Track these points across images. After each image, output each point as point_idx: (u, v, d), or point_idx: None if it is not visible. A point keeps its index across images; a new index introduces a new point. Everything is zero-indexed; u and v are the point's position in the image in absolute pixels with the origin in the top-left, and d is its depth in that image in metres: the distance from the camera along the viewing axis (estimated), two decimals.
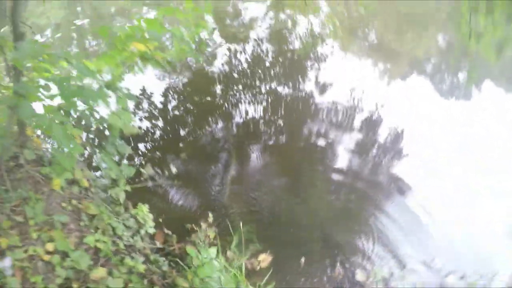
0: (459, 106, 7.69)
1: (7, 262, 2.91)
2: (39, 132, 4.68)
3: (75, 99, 2.75)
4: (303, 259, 3.82)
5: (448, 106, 7.54)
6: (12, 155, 3.74)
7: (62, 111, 2.99)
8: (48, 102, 2.92)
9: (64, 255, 3.18)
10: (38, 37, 9.05)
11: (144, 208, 3.73)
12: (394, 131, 6.24)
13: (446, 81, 9.10)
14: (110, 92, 3.37)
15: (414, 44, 12.18)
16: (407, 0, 14.62)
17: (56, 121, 2.77)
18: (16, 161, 3.97)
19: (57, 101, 2.87)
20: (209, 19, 9.25)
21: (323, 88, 7.35)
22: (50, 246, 3.18)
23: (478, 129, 6.33)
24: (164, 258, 3.53)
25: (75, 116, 3.61)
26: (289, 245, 4.01)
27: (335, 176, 5.17)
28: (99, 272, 2.96)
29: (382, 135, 6.19)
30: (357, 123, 6.41)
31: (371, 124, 6.41)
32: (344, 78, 7.65)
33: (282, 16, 11.75)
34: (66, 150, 2.94)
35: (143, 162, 4.65)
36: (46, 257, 3.07)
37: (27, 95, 2.82)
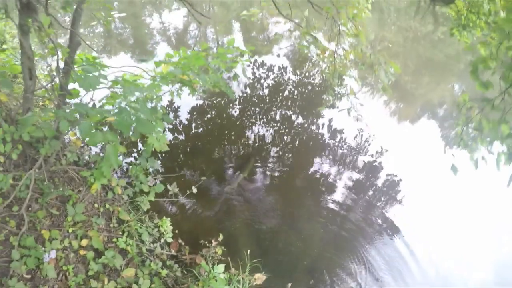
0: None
1: (52, 254, 3.46)
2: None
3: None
4: (289, 285, 4.29)
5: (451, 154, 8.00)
6: (54, 153, 4.29)
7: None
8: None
9: (97, 252, 3.73)
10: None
11: (167, 222, 4.32)
12: (392, 176, 6.74)
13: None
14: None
15: (429, 88, 12.65)
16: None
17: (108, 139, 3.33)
18: (57, 158, 4.56)
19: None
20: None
21: (333, 125, 7.85)
22: (84, 242, 3.74)
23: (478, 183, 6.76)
24: (177, 265, 4.06)
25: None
26: (281, 269, 4.53)
27: (331, 211, 5.69)
28: (130, 272, 3.50)
29: (381, 178, 6.69)
30: (359, 164, 6.91)
31: (372, 167, 6.91)
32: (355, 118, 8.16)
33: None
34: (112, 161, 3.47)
35: (170, 180, 5.19)
36: (82, 252, 3.62)
37: (88, 115, 3.39)
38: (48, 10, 3.74)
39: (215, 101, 7.85)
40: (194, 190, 4.75)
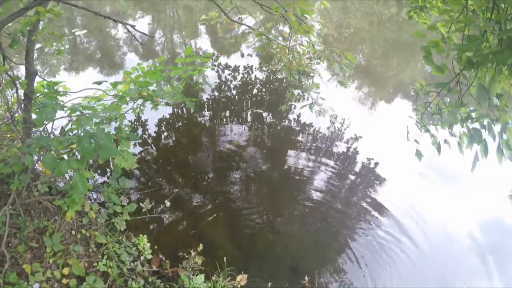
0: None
1: (36, 286, 3.54)
2: None
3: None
4: (269, 284, 4.45)
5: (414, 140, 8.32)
6: (25, 185, 4.35)
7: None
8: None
9: (79, 278, 3.83)
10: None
11: (144, 239, 4.44)
12: (369, 163, 6.96)
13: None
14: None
15: (399, 69, 12.95)
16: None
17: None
18: (29, 190, 4.61)
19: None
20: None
21: (303, 119, 8.07)
22: (66, 271, 3.84)
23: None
24: (160, 280, 4.18)
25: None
26: (263, 270, 4.72)
27: (311, 206, 5.90)
28: None
29: (357, 165, 6.96)
30: (334, 154, 7.17)
31: (347, 156, 7.18)
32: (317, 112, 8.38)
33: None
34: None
35: (142, 197, 5.30)
36: (65, 280, 3.72)
37: (48, 147, 3.46)
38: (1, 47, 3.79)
39: (182, 110, 7.94)
40: (168, 204, 4.89)
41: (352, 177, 6.66)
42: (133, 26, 3.66)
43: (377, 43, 14.99)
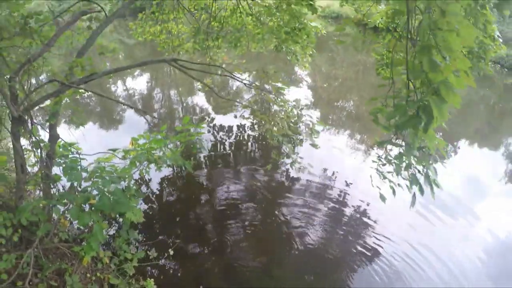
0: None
1: None
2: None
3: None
4: None
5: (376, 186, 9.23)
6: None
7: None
8: None
9: None
10: None
11: (151, 282, 5.28)
12: (360, 207, 7.82)
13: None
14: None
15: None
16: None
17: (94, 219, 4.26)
18: (48, 237, 5.42)
19: None
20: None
21: (294, 172, 8.87)
22: None
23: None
24: None
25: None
26: None
27: (303, 256, 6.61)
28: None
29: (350, 211, 7.76)
30: (327, 202, 7.99)
31: (340, 202, 7.99)
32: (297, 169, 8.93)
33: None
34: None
35: (148, 247, 6.12)
36: None
37: (74, 201, 4.32)
38: (33, 120, 4.77)
39: (181, 170, 8.88)
40: (171, 252, 5.77)
41: (345, 222, 7.45)
42: (144, 112, 4.61)
43: (363, 89, 16.20)
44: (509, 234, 7.63)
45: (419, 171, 3.88)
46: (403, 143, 3.71)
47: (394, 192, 4.56)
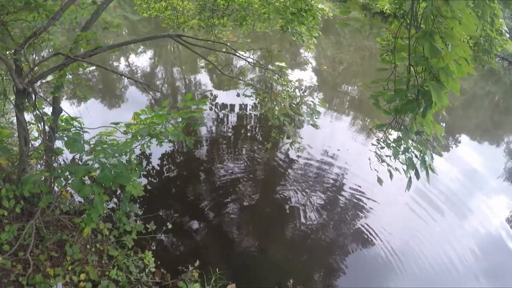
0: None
1: (59, 286, 4.47)
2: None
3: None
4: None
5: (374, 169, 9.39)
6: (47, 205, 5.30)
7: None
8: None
9: (93, 283, 4.75)
10: None
11: (149, 254, 5.43)
12: (358, 191, 7.95)
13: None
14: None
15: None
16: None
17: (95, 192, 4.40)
18: (50, 209, 5.58)
19: None
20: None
21: (294, 153, 9.05)
22: (82, 276, 4.76)
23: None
24: None
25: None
26: (250, 284, 5.66)
27: (299, 235, 6.82)
28: None
29: (347, 194, 7.91)
30: (325, 184, 8.14)
31: (337, 185, 8.13)
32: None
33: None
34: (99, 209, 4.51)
35: (148, 219, 6.26)
36: (82, 284, 4.64)
37: (76, 173, 4.46)
38: (37, 93, 4.86)
39: (182, 146, 9.02)
40: (170, 226, 5.93)
41: (342, 205, 7.66)
42: (148, 86, 4.69)
43: (369, 75, 16.19)
44: (501, 230, 7.86)
45: (416, 156, 3.99)
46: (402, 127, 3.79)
47: (391, 175, 4.68)
